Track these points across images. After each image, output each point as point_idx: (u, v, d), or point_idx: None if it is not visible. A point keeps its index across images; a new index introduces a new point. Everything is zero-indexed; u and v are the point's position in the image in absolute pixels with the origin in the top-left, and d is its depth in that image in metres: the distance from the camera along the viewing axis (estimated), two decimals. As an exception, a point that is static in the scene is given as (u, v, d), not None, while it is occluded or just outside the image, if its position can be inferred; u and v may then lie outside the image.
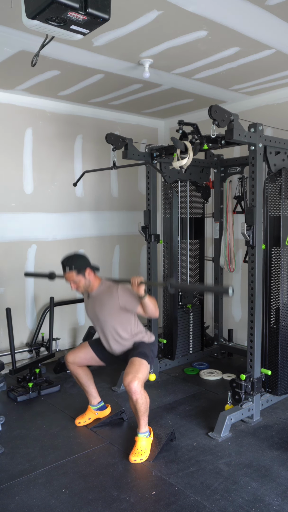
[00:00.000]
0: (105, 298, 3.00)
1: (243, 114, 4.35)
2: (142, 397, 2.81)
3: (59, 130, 4.69)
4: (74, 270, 2.93)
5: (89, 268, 2.99)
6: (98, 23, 1.87)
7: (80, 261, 2.98)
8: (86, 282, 3.00)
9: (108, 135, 3.92)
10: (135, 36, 2.96)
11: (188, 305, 4.49)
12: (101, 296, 3.03)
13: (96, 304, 3.06)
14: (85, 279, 2.98)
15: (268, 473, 2.65)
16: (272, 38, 3.06)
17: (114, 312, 2.99)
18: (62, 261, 3.00)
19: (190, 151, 3.26)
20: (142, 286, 2.82)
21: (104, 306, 3.00)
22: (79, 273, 2.95)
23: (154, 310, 2.93)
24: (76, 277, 2.95)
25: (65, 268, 2.96)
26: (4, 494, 2.48)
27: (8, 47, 3.15)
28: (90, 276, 3.00)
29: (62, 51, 3.23)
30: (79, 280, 2.97)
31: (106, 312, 3.00)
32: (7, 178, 4.36)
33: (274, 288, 3.50)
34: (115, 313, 2.99)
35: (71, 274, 2.95)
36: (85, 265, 2.98)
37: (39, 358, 4.17)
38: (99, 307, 3.03)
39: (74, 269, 2.93)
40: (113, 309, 2.98)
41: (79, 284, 2.99)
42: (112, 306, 2.98)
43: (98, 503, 2.39)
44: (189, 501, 2.39)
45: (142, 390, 2.82)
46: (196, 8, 2.59)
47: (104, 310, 3.01)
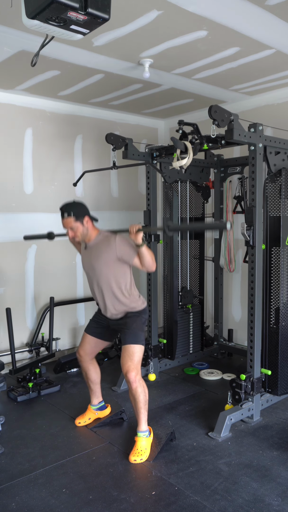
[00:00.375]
0: (103, 247, 2.94)
1: (243, 114, 4.36)
2: (140, 385, 2.86)
3: (59, 130, 4.69)
4: (73, 216, 2.88)
5: (87, 216, 2.94)
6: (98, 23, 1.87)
7: (79, 208, 2.93)
8: (84, 230, 2.94)
9: (108, 135, 3.92)
10: (135, 36, 2.96)
11: (188, 305, 4.49)
12: (99, 245, 2.96)
13: (92, 254, 2.99)
14: (83, 226, 2.92)
15: (268, 473, 2.65)
16: (272, 38, 3.06)
17: (111, 263, 2.92)
18: (61, 207, 2.95)
19: (190, 151, 3.26)
20: (140, 233, 2.78)
21: (101, 256, 2.94)
22: (77, 219, 2.89)
23: (151, 262, 2.88)
24: (74, 224, 2.90)
25: (64, 213, 2.91)
26: (4, 494, 2.48)
27: (8, 47, 3.15)
28: (88, 224, 2.95)
29: (62, 51, 3.23)
30: (77, 227, 2.91)
31: (103, 262, 2.93)
32: (7, 178, 4.36)
33: (274, 288, 3.50)
34: (112, 263, 2.92)
35: (70, 220, 2.90)
36: (83, 213, 2.93)
37: (39, 358, 4.17)
38: (96, 257, 2.96)
39: (72, 215, 2.88)
40: (110, 259, 2.92)
41: (77, 232, 2.93)
42: (109, 256, 2.91)
43: (98, 503, 2.39)
44: (189, 501, 2.39)
45: (141, 379, 2.87)
46: (196, 8, 2.59)
47: (100, 260, 2.94)
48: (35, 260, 4.59)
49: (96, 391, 3.33)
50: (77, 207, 2.94)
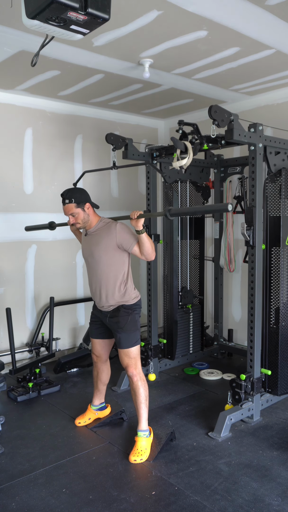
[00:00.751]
0: (103, 234, 2.94)
1: (243, 114, 4.36)
2: (141, 380, 2.92)
3: (59, 130, 4.69)
4: (74, 202, 2.89)
5: (88, 203, 2.95)
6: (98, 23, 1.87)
7: (80, 194, 2.93)
8: (85, 217, 2.94)
9: (108, 135, 3.92)
10: (135, 36, 2.96)
11: (188, 305, 4.49)
12: (99, 232, 2.97)
13: (93, 241, 2.99)
14: (84, 213, 2.92)
15: (268, 473, 2.65)
16: (272, 38, 3.06)
17: (110, 250, 2.92)
18: (62, 193, 2.96)
19: (190, 151, 3.26)
20: (140, 220, 2.78)
21: (101, 243, 2.94)
22: (78, 206, 2.90)
23: (150, 250, 2.87)
24: (75, 210, 2.90)
25: (65, 200, 2.92)
26: (4, 494, 2.48)
27: (8, 47, 3.15)
28: (90, 211, 2.95)
29: (62, 51, 3.23)
30: (78, 214, 2.91)
31: (102, 248, 2.93)
32: (7, 178, 4.36)
33: (274, 288, 3.50)
34: (111, 250, 2.92)
35: (71, 206, 2.90)
36: (85, 199, 2.93)
37: (39, 358, 4.17)
38: (96, 244, 2.96)
39: (73, 201, 2.89)
40: (109, 246, 2.91)
41: (78, 218, 2.92)
42: (109, 242, 2.91)
43: (98, 503, 2.39)
44: (189, 501, 2.39)
45: (141, 372, 2.94)
46: (196, 8, 2.59)
47: (100, 246, 2.94)
48: (35, 260, 4.59)
49: (102, 392, 3.36)
50: (78, 193, 2.94)
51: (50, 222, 3.58)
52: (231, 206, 2.42)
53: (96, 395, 3.34)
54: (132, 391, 2.95)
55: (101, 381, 3.32)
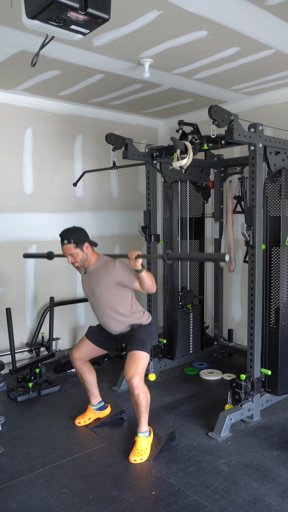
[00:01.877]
0: (102, 273, 2.96)
1: (243, 114, 4.36)
2: (143, 392, 2.83)
3: (59, 130, 4.69)
4: (73, 243, 2.90)
5: (87, 242, 2.96)
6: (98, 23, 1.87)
7: (78, 234, 2.95)
8: (84, 256, 2.96)
9: (108, 135, 3.92)
10: (135, 36, 2.96)
11: (188, 305, 4.49)
12: (98, 271, 2.99)
13: (92, 279, 3.01)
14: (82, 252, 2.94)
15: (268, 473, 2.65)
16: (272, 38, 3.06)
17: (111, 288, 2.95)
18: (60, 233, 2.97)
19: (190, 151, 3.26)
20: (139, 259, 2.80)
21: (101, 282, 2.96)
22: (77, 246, 2.91)
23: (151, 285, 2.90)
24: (74, 250, 2.92)
25: (63, 240, 2.93)
26: (4, 494, 2.48)
27: (8, 47, 3.15)
28: (88, 250, 2.97)
29: (62, 51, 3.23)
30: (76, 253, 2.93)
31: (103, 287, 2.96)
32: (7, 178, 4.36)
33: (274, 288, 3.50)
34: (112, 288, 2.95)
35: (69, 246, 2.91)
36: (83, 239, 2.95)
37: (39, 358, 4.17)
38: (96, 282, 2.99)
39: (72, 241, 2.90)
40: (109, 284, 2.94)
41: (77, 258, 2.95)
42: (109, 281, 2.93)
43: (98, 503, 2.39)
44: (189, 501, 2.39)
45: (144, 385, 2.84)
46: (196, 8, 2.59)
47: (100, 285, 2.96)
48: (35, 260, 4.59)
49: (93, 391, 3.32)
50: (76, 233, 2.95)
51: (49, 252, 3.57)
52: (228, 257, 2.47)
53: (90, 395, 3.33)
54: (132, 400, 2.89)
55: (87, 382, 3.27)
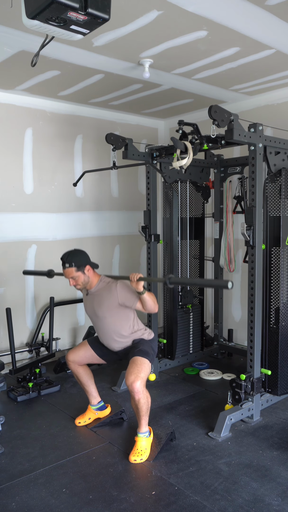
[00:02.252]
0: (104, 294, 2.99)
1: (243, 114, 4.36)
2: (144, 397, 2.81)
3: (59, 130, 4.69)
4: (74, 266, 2.92)
5: (88, 265, 2.98)
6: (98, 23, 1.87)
7: (79, 257, 2.97)
8: (85, 279, 2.98)
9: (108, 135, 3.92)
10: (135, 36, 2.96)
11: (188, 305, 4.49)
12: (100, 292, 3.02)
13: (95, 301, 3.04)
14: (84, 275, 2.97)
15: (268, 473, 2.65)
16: (272, 38, 3.06)
17: (113, 309, 2.98)
18: (61, 257, 2.99)
19: (190, 151, 3.26)
20: (140, 282, 2.81)
21: (103, 303, 2.99)
22: (78, 269, 2.93)
23: (153, 306, 2.92)
24: (75, 273, 2.94)
25: (65, 264, 2.95)
26: (4, 494, 2.48)
27: (8, 47, 3.15)
28: (89, 272, 2.99)
29: (62, 51, 3.23)
30: (78, 277, 2.95)
31: (105, 308, 2.99)
32: (7, 178, 4.36)
33: (274, 288, 3.50)
34: (114, 309, 2.98)
35: (71, 270, 2.93)
36: (84, 262, 2.97)
37: (39, 358, 4.17)
38: (98, 304, 3.02)
39: (73, 265, 2.92)
40: (112, 306, 2.97)
41: (78, 281, 2.97)
42: (111, 302, 2.96)
43: (98, 503, 2.39)
44: (189, 501, 2.39)
45: (145, 390, 2.82)
46: (196, 8, 2.59)
47: (102, 306, 2.99)
48: (35, 260, 4.59)
49: (92, 391, 3.32)
50: (78, 256, 2.97)
51: (49, 270, 3.59)
52: (231, 284, 2.48)
53: (89, 396, 3.33)
54: (133, 404, 2.88)
55: (84, 383, 3.27)
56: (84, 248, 4.89)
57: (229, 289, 3.00)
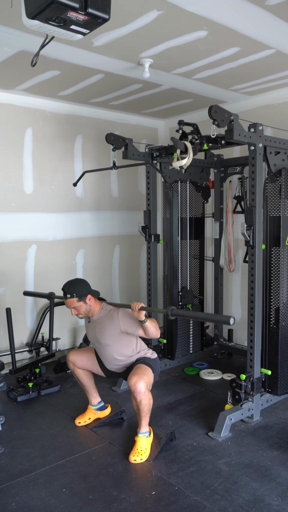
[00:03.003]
0: (106, 323, 3.00)
1: (243, 114, 4.36)
2: (146, 398, 2.81)
3: (59, 130, 4.69)
4: (75, 297, 2.92)
5: (89, 294, 2.99)
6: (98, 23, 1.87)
7: (80, 288, 2.96)
8: (87, 308, 2.99)
9: (108, 135, 3.92)
10: (135, 36, 2.96)
11: (188, 305, 4.49)
12: (102, 320, 3.03)
13: (97, 328, 3.05)
14: (86, 304, 2.97)
15: (268, 473, 2.65)
16: (272, 38, 3.06)
17: (115, 336, 2.99)
18: (63, 287, 2.99)
19: (190, 151, 3.26)
20: (142, 311, 2.81)
21: (105, 331, 3.00)
22: (80, 299, 2.94)
23: (155, 332, 2.92)
24: (77, 304, 2.94)
25: (66, 295, 2.95)
26: (4, 494, 2.48)
27: (8, 47, 3.15)
28: (91, 301, 3.00)
29: (62, 51, 3.23)
30: (80, 306, 2.96)
31: (107, 336, 3.00)
32: (7, 178, 4.36)
33: (274, 288, 3.50)
34: (116, 337, 2.99)
35: (72, 301, 2.94)
36: (86, 291, 2.97)
37: (39, 358, 4.17)
38: (100, 332, 3.03)
39: (75, 296, 2.92)
40: (114, 334, 2.98)
41: (80, 310, 2.98)
42: (113, 330, 2.97)
43: (98, 503, 2.39)
44: (189, 501, 2.39)
45: (147, 392, 2.82)
46: (196, 8, 2.59)
47: (105, 334, 3.00)
48: (35, 260, 4.59)
49: (92, 392, 3.32)
50: (79, 286, 2.97)
51: (50, 293, 3.60)
52: (233, 321, 2.48)
53: (89, 396, 3.33)
54: (134, 404, 2.87)
55: (84, 384, 3.28)
56: (84, 248, 4.93)
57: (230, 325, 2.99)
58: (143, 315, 2.81)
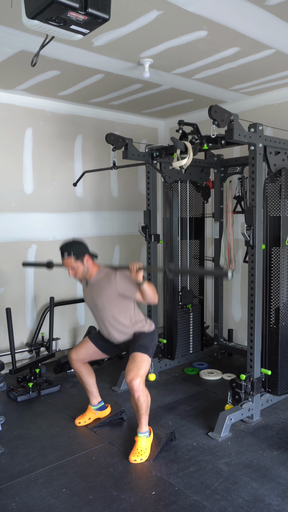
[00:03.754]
0: (104, 285, 2.97)
1: (243, 114, 4.36)
2: (143, 395, 2.82)
3: (59, 130, 4.69)
4: (73, 256, 2.90)
5: (87, 255, 2.96)
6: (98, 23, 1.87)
7: (78, 247, 2.95)
8: (84, 269, 2.96)
9: (108, 135, 3.92)
10: (135, 36, 2.96)
11: (188, 305, 4.49)
12: (99, 283, 3.00)
13: (94, 291, 3.02)
14: (83, 265, 2.94)
15: (268, 473, 2.65)
16: (272, 38, 3.06)
17: (113, 299, 2.96)
18: (60, 246, 2.97)
19: (190, 151, 3.26)
20: (140, 272, 2.80)
21: (103, 293, 2.97)
22: (77, 259, 2.91)
23: (152, 297, 2.91)
24: (74, 263, 2.92)
25: (64, 253, 2.93)
26: (4, 494, 2.48)
27: (8, 47, 3.15)
28: (89, 262, 2.97)
29: (62, 51, 3.23)
30: (77, 267, 2.93)
31: (105, 299, 2.97)
32: (7, 178, 4.36)
33: (274, 288, 3.50)
34: (114, 300, 2.96)
35: (70, 260, 2.91)
36: (83, 251, 2.95)
37: (39, 358, 4.17)
38: (97, 294, 3.00)
39: (72, 254, 2.90)
40: (111, 296, 2.95)
41: (77, 271, 2.95)
42: (111, 293, 2.94)
43: (98, 503, 2.39)
44: (189, 501, 2.39)
45: (144, 388, 2.83)
46: (196, 8, 2.59)
47: (102, 297, 2.98)
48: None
49: (93, 391, 3.32)
50: (77, 246, 2.95)
51: (48, 261, 3.57)
52: (231, 274, 2.50)
53: (90, 396, 3.33)
54: (132, 402, 2.89)
55: (86, 383, 3.28)
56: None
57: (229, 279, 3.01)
58: (141, 276, 2.80)
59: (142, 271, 2.81)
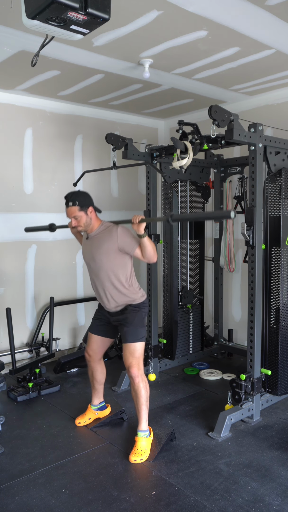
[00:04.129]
0: (104, 238, 2.94)
1: (243, 114, 4.36)
2: (143, 381, 2.90)
3: (59, 130, 4.69)
4: (77, 205, 2.89)
5: (92, 207, 2.95)
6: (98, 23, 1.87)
7: (83, 198, 2.93)
8: (87, 220, 2.94)
9: (108, 135, 3.92)
10: (135, 36, 2.96)
11: (188, 305, 4.49)
12: (100, 236, 2.97)
13: (94, 244, 3.00)
14: (86, 216, 2.93)
15: (268, 473, 2.65)
16: (272, 38, 3.06)
17: (111, 253, 2.92)
18: (66, 195, 2.95)
19: (190, 151, 3.26)
20: (142, 224, 2.78)
21: (102, 246, 2.94)
22: (81, 209, 2.90)
23: (152, 253, 2.88)
24: (78, 213, 2.90)
25: (68, 202, 2.91)
26: (4, 494, 2.48)
27: (8, 47, 3.15)
28: (92, 214, 2.95)
29: (62, 51, 3.23)
30: (80, 217, 2.91)
31: (103, 252, 2.93)
32: (7, 178, 4.36)
33: (274, 288, 3.50)
34: (112, 254, 2.92)
35: (74, 209, 2.90)
36: (88, 203, 2.94)
37: (39, 358, 4.17)
38: (97, 247, 2.97)
39: (77, 204, 2.89)
40: (110, 250, 2.92)
41: (80, 221, 2.92)
42: (110, 246, 2.91)
43: (98, 503, 2.39)
44: (189, 501, 2.39)
45: (143, 374, 2.92)
46: (196, 8, 2.59)
47: (101, 250, 2.94)
48: (35, 260, 4.59)
49: (100, 391, 3.34)
50: (82, 196, 2.94)
51: (51, 224, 3.57)
52: (233, 213, 2.34)
53: (95, 395, 3.34)
54: (133, 392, 2.94)
55: (97, 381, 3.31)
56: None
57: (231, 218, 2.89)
58: (143, 228, 2.79)
59: (144, 223, 2.80)
